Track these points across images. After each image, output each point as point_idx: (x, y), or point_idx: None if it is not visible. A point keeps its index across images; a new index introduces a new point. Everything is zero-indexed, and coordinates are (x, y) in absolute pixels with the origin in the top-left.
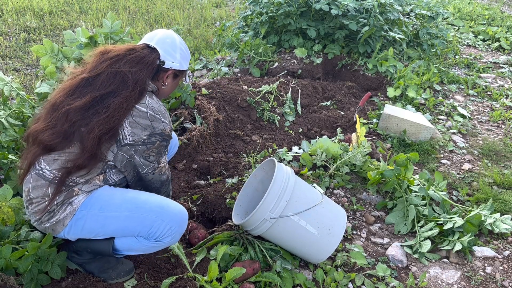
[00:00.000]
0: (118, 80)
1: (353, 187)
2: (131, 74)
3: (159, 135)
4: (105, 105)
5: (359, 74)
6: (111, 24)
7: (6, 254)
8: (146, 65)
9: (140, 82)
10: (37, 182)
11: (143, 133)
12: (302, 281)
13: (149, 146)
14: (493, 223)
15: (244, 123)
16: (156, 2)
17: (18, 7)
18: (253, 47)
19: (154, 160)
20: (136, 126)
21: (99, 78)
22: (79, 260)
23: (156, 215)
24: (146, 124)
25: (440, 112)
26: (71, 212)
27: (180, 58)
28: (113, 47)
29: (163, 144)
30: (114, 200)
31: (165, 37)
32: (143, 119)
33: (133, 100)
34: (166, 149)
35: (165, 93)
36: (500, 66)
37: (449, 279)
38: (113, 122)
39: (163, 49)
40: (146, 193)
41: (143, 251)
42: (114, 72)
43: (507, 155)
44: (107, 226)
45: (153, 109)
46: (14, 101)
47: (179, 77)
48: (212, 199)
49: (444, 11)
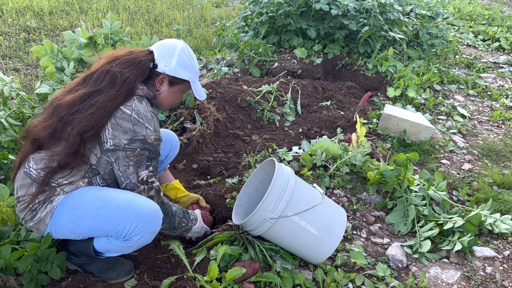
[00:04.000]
0: (107, 79)
1: (353, 187)
2: (120, 74)
3: (140, 141)
4: (90, 103)
5: (359, 74)
6: (110, 24)
7: (5, 254)
8: (136, 66)
9: (128, 82)
10: (24, 180)
11: (124, 137)
12: (302, 281)
13: (129, 153)
14: (493, 223)
15: (244, 123)
16: (156, 2)
17: (18, 7)
18: (253, 47)
19: (133, 173)
20: (118, 129)
21: (93, 77)
22: (78, 261)
23: (122, 213)
24: (128, 127)
25: (440, 112)
26: (50, 210)
27: (176, 65)
28: (118, 49)
29: (144, 153)
30: (85, 198)
31: (166, 42)
32: (126, 121)
33: (118, 100)
34: (149, 162)
35: (162, 101)
36: (500, 66)
37: (449, 279)
38: (95, 120)
39: (159, 52)
40: (117, 190)
41: (118, 251)
42: (106, 71)
43: (507, 155)
44: (80, 225)
45: (138, 113)
46: (14, 101)
47: (178, 86)
48: (212, 199)
49: (444, 11)
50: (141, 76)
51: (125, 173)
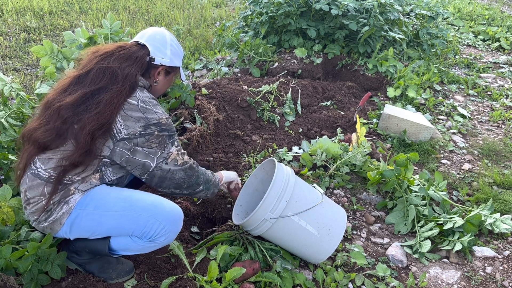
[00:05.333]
0: (107, 76)
1: (353, 187)
2: (120, 70)
3: (155, 125)
4: (96, 101)
5: (359, 74)
6: (110, 24)
7: (6, 254)
8: (135, 60)
9: (130, 77)
10: (33, 182)
11: (137, 125)
12: (302, 281)
13: (148, 137)
14: (493, 223)
15: (244, 123)
16: (156, 2)
17: (18, 7)
18: (253, 47)
19: (159, 150)
20: (129, 119)
21: (89, 75)
22: (79, 260)
23: (149, 214)
24: (139, 116)
25: (440, 112)
26: (67, 211)
27: (171, 54)
28: (104, 45)
29: (163, 134)
30: (109, 198)
31: (155, 34)
32: (135, 111)
33: (123, 95)
34: (171, 139)
35: (158, 91)
36: (500, 66)
37: (449, 279)
38: (104, 118)
39: (153, 46)
40: (141, 192)
41: (138, 251)
42: (104, 68)
43: (507, 155)
44: (102, 224)
45: (144, 101)
46: (14, 101)
47: (172, 74)
48: (212, 199)
49: (444, 11)
50: (140, 70)
51: (152, 153)
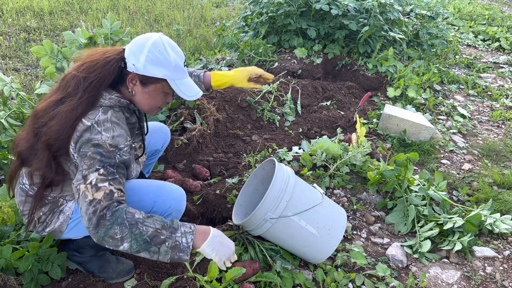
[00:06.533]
0: (72, 85)
1: (353, 187)
2: (84, 80)
3: (93, 146)
4: (53, 114)
5: (359, 74)
6: (110, 24)
7: (6, 254)
8: (102, 68)
9: (90, 89)
10: (21, 197)
11: (80, 145)
12: (302, 281)
13: (82, 157)
14: (493, 223)
15: (244, 123)
16: (156, 2)
17: (18, 7)
18: (253, 47)
19: (79, 174)
20: (77, 141)
21: (64, 80)
22: (80, 259)
23: (155, 195)
24: (86, 137)
25: (440, 112)
26: (65, 220)
27: (145, 62)
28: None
29: (95, 157)
30: None
31: (140, 37)
32: (84, 132)
33: (79, 110)
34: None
35: (140, 104)
36: (500, 66)
37: (449, 279)
38: (56, 133)
39: (129, 49)
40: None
41: None
42: (73, 75)
43: (507, 155)
44: None
45: (98, 122)
46: (14, 101)
47: (152, 86)
48: (212, 199)
49: (444, 11)
50: (107, 79)
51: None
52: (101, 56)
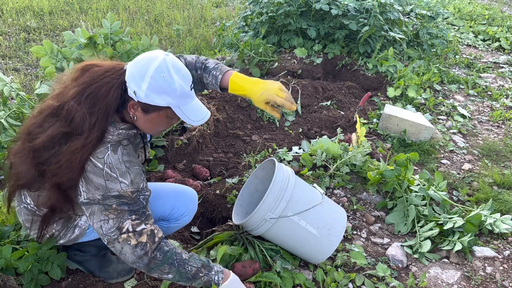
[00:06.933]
0: (77, 120)
1: (353, 187)
2: (89, 116)
3: (115, 197)
4: (60, 150)
5: (359, 74)
6: (110, 24)
7: (6, 254)
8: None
9: (97, 127)
10: (28, 216)
11: (97, 193)
12: (302, 281)
13: (107, 207)
14: (493, 223)
15: (244, 123)
16: (156, 2)
17: (18, 7)
18: (253, 47)
19: (113, 226)
20: (90, 183)
21: (64, 110)
22: (82, 258)
23: (174, 196)
24: (99, 183)
25: (440, 112)
26: (81, 233)
27: (148, 90)
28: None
29: (123, 208)
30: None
31: (143, 58)
32: (97, 176)
33: (88, 149)
34: (131, 215)
35: (144, 129)
36: (500, 66)
37: (449, 279)
38: (64, 174)
39: (130, 72)
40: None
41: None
42: (75, 109)
43: (507, 155)
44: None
45: (111, 166)
46: (14, 101)
47: (155, 114)
48: (212, 199)
49: (444, 11)
50: (111, 110)
51: (105, 227)
52: (101, 79)
